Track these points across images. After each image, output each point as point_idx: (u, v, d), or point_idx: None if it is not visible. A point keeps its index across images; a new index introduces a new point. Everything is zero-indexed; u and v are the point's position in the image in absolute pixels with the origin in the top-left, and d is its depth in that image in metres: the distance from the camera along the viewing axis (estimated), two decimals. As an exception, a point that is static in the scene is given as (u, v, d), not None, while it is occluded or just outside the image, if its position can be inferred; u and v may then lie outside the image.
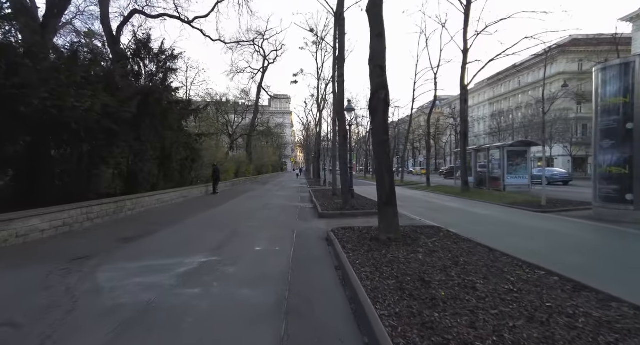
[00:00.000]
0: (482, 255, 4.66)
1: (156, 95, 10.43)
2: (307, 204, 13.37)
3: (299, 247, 5.83)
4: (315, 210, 10.95)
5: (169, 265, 4.57)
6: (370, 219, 9.03)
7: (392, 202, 5.71)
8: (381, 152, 5.74)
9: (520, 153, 16.02)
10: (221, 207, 11.65)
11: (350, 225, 7.81)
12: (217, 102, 34.60)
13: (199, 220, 8.72)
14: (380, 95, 5.68)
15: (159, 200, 11.22)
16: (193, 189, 15.21)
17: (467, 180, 16.06)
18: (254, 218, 9.31)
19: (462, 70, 16.00)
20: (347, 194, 10.52)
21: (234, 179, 24.11)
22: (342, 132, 10.61)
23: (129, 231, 7.06)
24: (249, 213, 10.27)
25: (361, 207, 10.67)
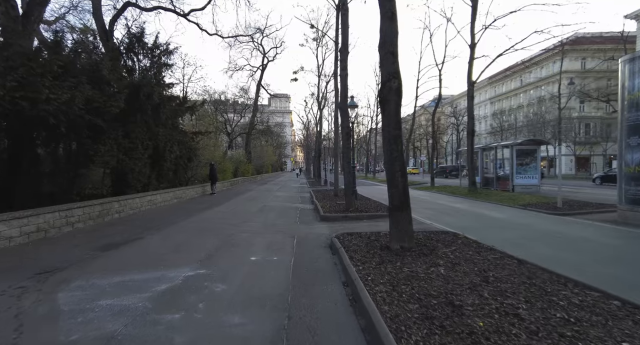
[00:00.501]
0: (513, 269, 4.00)
1: (147, 89, 9.75)
2: (308, 205, 12.71)
3: (300, 256, 5.16)
4: (317, 213, 10.29)
5: (148, 281, 3.91)
6: (376, 222, 8.37)
7: (405, 207, 5.05)
8: (392, 148, 5.07)
9: (530, 152, 15.35)
10: (217, 209, 10.99)
11: (356, 230, 7.15)
12: (216, 101, 33.96)
13: (191, 224, 8.05)
14: (392, 85, 5.02)
15: (150, 202, 10.55)
16: (188, 190, 14.54)
17: (475, 180, 15.40)
18: (251, 221, 8.65)
19: (469, 66, 15.33)
20: (350, 196, 9.87)
21: (232, 179, 23.44)
22: (345, 128, 9.94)
23: (112, 237, 6.39)
24: (246, 215, 9.61)
25: (366, 209, 10.01)
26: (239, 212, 10.29)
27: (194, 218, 8.98)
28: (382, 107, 5.21)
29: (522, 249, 5.32)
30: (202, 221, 8.52)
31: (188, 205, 12.03)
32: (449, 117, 63.39)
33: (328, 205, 11.45)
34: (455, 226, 7.54)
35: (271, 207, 11.67)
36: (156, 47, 14.68)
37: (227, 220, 8.76)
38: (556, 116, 47.55)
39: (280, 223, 8.48)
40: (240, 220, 8.66)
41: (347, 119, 10.15)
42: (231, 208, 11.40)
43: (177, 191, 13.11)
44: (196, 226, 7.76)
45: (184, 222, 8.37)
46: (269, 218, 9.26)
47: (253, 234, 6.86)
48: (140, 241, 6.09)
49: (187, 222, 8.39)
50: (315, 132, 34.92)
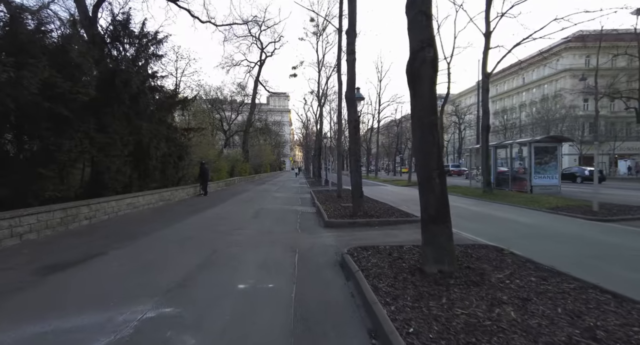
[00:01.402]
0: (619, 313, 2.74)
1: (124, 76, 8.46)
2: (309, 208, 11.46)
3: (304, 282, 3.91)
4: (320, 217, 9.04)
5: (83, 331, 2.66)
6: (391, 230, 7.12)
7: (444, 217, 3.83)
8: (427, 140, 3.84)
9: (549, 150, 14.14)
10: (206, 213, 9.72)
11: (370, 241, 5.91)
12: (214, 100, 32.64)
13: (172, 233, 6.79)
14: (426, 54, 3.77)
15: (130, 205, 9.27)
16: (178, 191, 13.27)
17: (490, 181, 14.19)
18: (244, 229, 7.39)
19: (484, 56, 14.10)
20: (358, 198, 8.62)
21: (228, 179, 22.18)
22: (353, 121, 8.70)
23: (65, 253, 5.12)
24: (239, 221, 8.35)
25: (376, 213, 8.77)
26: (231, 217, 9.03)
27: (177, 225, 7.71)
28: (412, 85, 3.96)
29: (594, 272, 4.09)
30: (187, 229, 7.25)
31: (175, 208, 10.76)
32: (450, 115, 62.31)
33: (332, 208, 10.22)
34: (487, 235, 6.30)
35: (268, 211, 10.41)
36: (144, 36, 13.42)
37: (216, 227, 7.49)
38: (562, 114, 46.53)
39: (278, 231, 7.23)
40: (231, 228, 7.39)
41: (355, 111, 8.90)
42: (223, 212, 10.13)
43: (165, 192, 11.84)
44: (177, 236, 6.48)
45: (165, 230, 7.10)
46: (266, 224, 8.00)
47: (245, 248, 5.60)
48: (99, 259, 4.82)
49: (168, 230, 7.12)
50: (315, 131, 33.69)
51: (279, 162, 71.29)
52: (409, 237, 6.44)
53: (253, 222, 8.37)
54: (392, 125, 54.42)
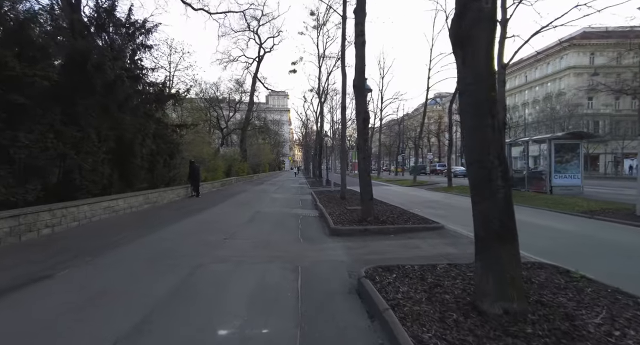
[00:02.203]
0: None
1: (97, 59, 7.32)
2: (311, 210, 10.35)
3: (312, 324, 2.78)
4: (324, 223, 7.95)
5: None
6: (411, 240, 6.01)
7: (511, 236, 2.73)
8: (483, 124, 2.72)
9: (571, 147, 13.04)
10: (195, 218, 8.60)
11: (389, 255, 4.83)
12: (211, 98, 31.46)
13: (148, 245, 5.67)
14: (483, 5, 2.66)
15: (108, 210, 8.13)
16: (167, 192, 12.14)
17: (506, 181, 13.06)
18: (236, 238, 6.27)
19: (500, 46, 12.98)
20: (368, 201, 7.51)
21: (224, 179, 21.05)
22: (362, 113, 7.58)
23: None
24: (231, 228, 7.22)
25: (389, 218, 7.66)
26: (222, 223, 7.91)
27: (157, 234, 6.57)
28: (460, 50, 2.84)
29: None
30: (167, 239, 6.12)
31: (161, 212, 9.62)
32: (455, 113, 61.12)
33: (337, 212, 9.11)
34: (527, 247, 5.20)
35: (266, 215, 9.29)
36: (131, 24, 12.30)
37: (202, 236, 6.37)
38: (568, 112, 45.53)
39: (276, 241, 6.11)
40: (220, 237, 6.27)
41: (364, 102, 7.78)
42: (214, 216, 9.01)
43: (152, 194, 10.70)
44: (153, 249, 5.35)
45: (140, 240, 5.97)
46: (262, 232, 6.89)
47: (234, 265, 4.48)
48: (38, 286, 3.67)
49: (145, 239, 5.99)
50: (316, 129, 32.58)
51: (278, 161, 70.19)
52: (434, 249, 5.33)
53: (247, 229, 7.25)
54: (393, 124, 53.31)
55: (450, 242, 5.81)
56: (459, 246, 5.49)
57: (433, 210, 9.88)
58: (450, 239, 6.03)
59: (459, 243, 5.73)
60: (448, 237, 6.27)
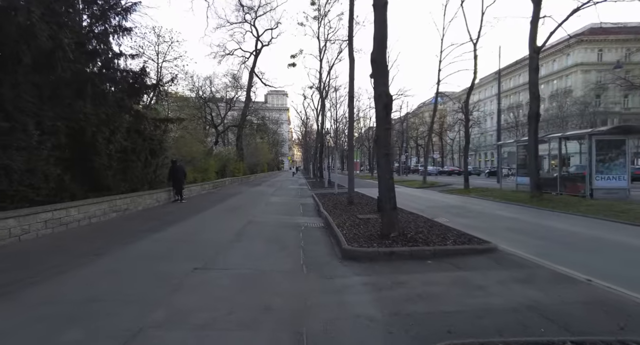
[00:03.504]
0: None
1: (23, 15, 5.40)
2: (314, 219, 8.56)
3: None
4: (332, 237, 6.17)
5: None
6: (464, 273, 4.17)
7: None
8: None
9: (616, 144, 11.23)
10: (167, 233, 6.75)
11: (453, 312, 2.98)
12: (205, 93, 29.61)
13: (66, 287, 3.83)
14: None
15: (52, 222, 6.23)
16: (143, 197, 10.29)
17: (539, 183, 11.27)
18: (210, 269, 4.43)
19: (533, 27, 11.19)
20: (391, 210, 5.65)
21: (217, 180, 19.20)
22: (382, 97, 5.74)
23: None
24: (208, 250, 5.37)
25: (419, 234, 5.82)
26: (199, 241, 6.06)
27: (99, 262, 4.67)
28: None
29: None
30: (107, 272, 4.25)
31: (127, 224, 7.74)
32: (456, 112, 59.49)
33: (347, 222, 7.31)
34: (625, 281, 3.39)
35: (259, 226, 7.46)
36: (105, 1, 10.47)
37: (163, 265, 4.52)
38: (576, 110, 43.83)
39: (269, 272, 4.28)
40: (188, 267, 4.41)
41: (385, 82, 5.93)
42: (192, 230, 7.16)
43: (121, 200, 8.85)
44: (79, 293, 3.51)
45: (60, 278, 4.11)
46: (251, 255, 5.05)
47: (193, 338, 2.65)
48: None
49: (69, 276, 4.13)
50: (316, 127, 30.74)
51: (277, 161, 68.37)
52: (508, 292, 3.51)
53: (232, 250, 5.41)
54: (395, 122, 51.49)
55: (522, 276, 3.99)
56: (542, 285, 3.67)
57: (464, 220, 8.08)
58: (518, 271, 4.20)
59: (537, 279, 3.91)
60: (513, 266, 4.44)
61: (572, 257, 4.84)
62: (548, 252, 5.07)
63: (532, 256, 4.84)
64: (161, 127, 12.79)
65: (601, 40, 51.91)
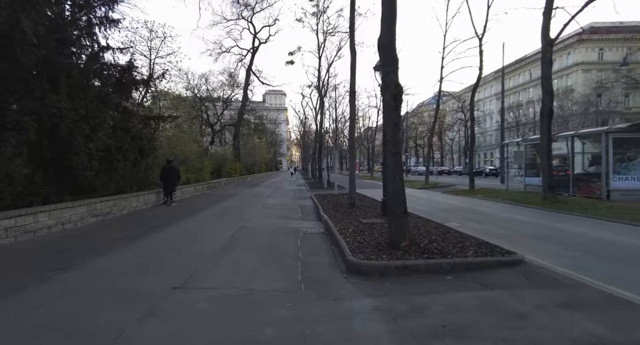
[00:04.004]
0: None
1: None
2: (313, 223, 7.88)
3: None
4: (334, 245, 5.50)
5: None
6: (492, 291, 3.49)
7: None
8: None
9: (636, 142, 10.58)
10: (149, 240, 6.05)
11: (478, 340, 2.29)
12: (200, 91, 28.83)
13: (18, 312, 3.12)
14: None
15: (13, 230, 5.40)
16: (128, 199, 9.57)
17: (552, 184, 10.61)
18: (190, 288, 3.72)
19: (545, 18, 10.53)
20: (401, 215, 4.94)
21: (212, 180, 18.48)
22: (390, 88, 5.05)
23: None
24: (192, 262, 4.66)
25: (433, 244, 5.14)
26: (183, 251, 5.35)
27: (61, 279, 3.98)
28: None
29: None
30: (69, 292, 3.56)
31: (107, 229, 7.01)
32: (456, 112, 58.94)
33: (350, 227, 6.63)
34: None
35: (253, 232, 6.77)
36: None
37: (135, 283, 3.81)
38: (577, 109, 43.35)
39: (260, 289, 3.60)
40: (167, 285, 3.71)
41: (395, 70, 5.23)
42: (179, 237, 6.45)
43: (101, 203, 8.12)
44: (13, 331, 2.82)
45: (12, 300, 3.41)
46: (241, 269, 4.35)
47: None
48: None
49: (7, 303, 3.43)
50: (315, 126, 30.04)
51: (275, 161, 67.60)
52: (560, 323, 2.81)
53: (219, 262, 4.70)
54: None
55: (566, 299, 3.30)
56: (597, 313, 2.97)
57: (477, 225, 7.41)
58: (558, 291, 3.52)
59: (586, 303, 3.22)
60: (548, 284, 3.76)
61: (615, 272, 4.17)
62: (584, 265, 4.40)
63: (567, 270, 4.16)
64: (151, 125, 12.10)
65: (602, 39, 51.56)
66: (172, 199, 11.39)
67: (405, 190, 5.14)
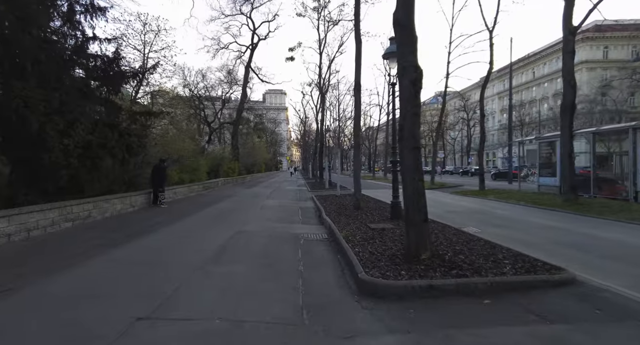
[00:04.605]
0: None
1: None
2: (316, 228, 7.07)
3: None
4: (340, 255, 4.68)
5: None
6: (552, 325, 2.63)
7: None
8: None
9: (663, 139, 9.77)
10: (127, 251, 5.24)
11: None
12: (206, 97, 28.03)
13: None
14: None
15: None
16: (112, 201, 8.76)
17: (574, 184, 9.78)
18: (165, 316, 2.90)
19: (567, 4, 9.69)
20: (421, 223, 4.13)
21: (208, 181, 17.66)
22: (410, 70, 4.23)
23: None
24: (173, 279, 3.85)
25: (459, 256, 4.32)
26: (165, 264, 4.53)
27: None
28: None
29: None
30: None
31: (81, 236, 6.17)
32: (459, 111, 58.13)
33: (358, 234, 5.82)
34: None
35: (248, 239, 5.95)
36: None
37: (94, 310, 3.00)
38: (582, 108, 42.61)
39: (250, 320, 2.77)
40: (130, 315, 2.89)
41: (414, 50, 4.40)
42: (162, 245, 5.63)
43: (78, 206, 7.31)
44: None
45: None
46: (229, 290, 3.52)
47: None
48: None
49: None
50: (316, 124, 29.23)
51: (275, 161, 66.77)
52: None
53: (205, 279, 3.88)
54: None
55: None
56: None
57: (499, 230, 6.59)
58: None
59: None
60: (625, 315, 2.93)
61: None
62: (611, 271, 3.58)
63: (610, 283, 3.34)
64: (140, 121, 11.27)
65: (606, 37, 50.77)
66: (161, 200, 10.58)
67: (424, 192, 4.33)
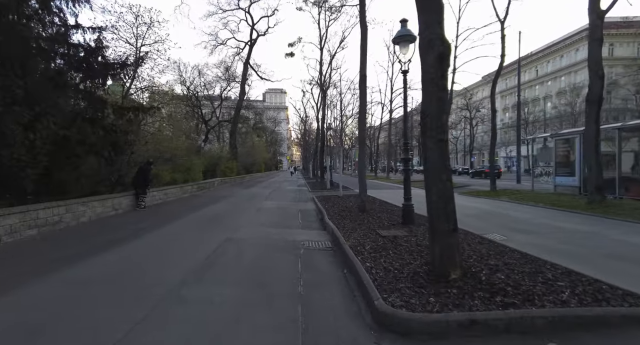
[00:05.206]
0: None
1: None
2: (317, 233, 6.19)
3: None
4: (348, 271, 3.78)
5: None
6: None
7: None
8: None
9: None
10: (93, 266, 4.38)
11: None
12: (205, 96, 27.21)
13: None
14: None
15: None
16: (90, 203, 7.88)
17: (600, 185, 8.91)
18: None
19: (593, -14, 8.83)
20: (449, 234, 3.28)
21: (203, 181, 16.79)
22: (436, 43, 3.38)
23: None
24: (142, 303, 2.99)
25: (502, 277, 3.45)
26: (134, 283, 3.66)
27: None
28: None
29: None
30: None
31: (41, 247, 5.31)
32: (461, 110, 57.24)
33: (368, 245, 4.95)
34: None
35: (238, 250, 5.07)
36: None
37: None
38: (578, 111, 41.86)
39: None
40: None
41: (439, 20, 3.54)
42: (137, 258, 4.76)
43: (47, 210, 6.43)
44: None
45: None
46: (205, 325, 2.65)
47: None
48: None
49: None
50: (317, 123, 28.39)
51: (275, 160, 65.87)
52: None
53: (178, 306, 3.01)
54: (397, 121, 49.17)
55: None
56: None
57: (528, 237, 5.70)
58: None
59: None
60: None
61: None
62: None
63: None
64: (127, 117, 10.40)
65: (612, 34, 49.92)
66: (139, 202, 9.81)
67: (454, 195, 3.47)
